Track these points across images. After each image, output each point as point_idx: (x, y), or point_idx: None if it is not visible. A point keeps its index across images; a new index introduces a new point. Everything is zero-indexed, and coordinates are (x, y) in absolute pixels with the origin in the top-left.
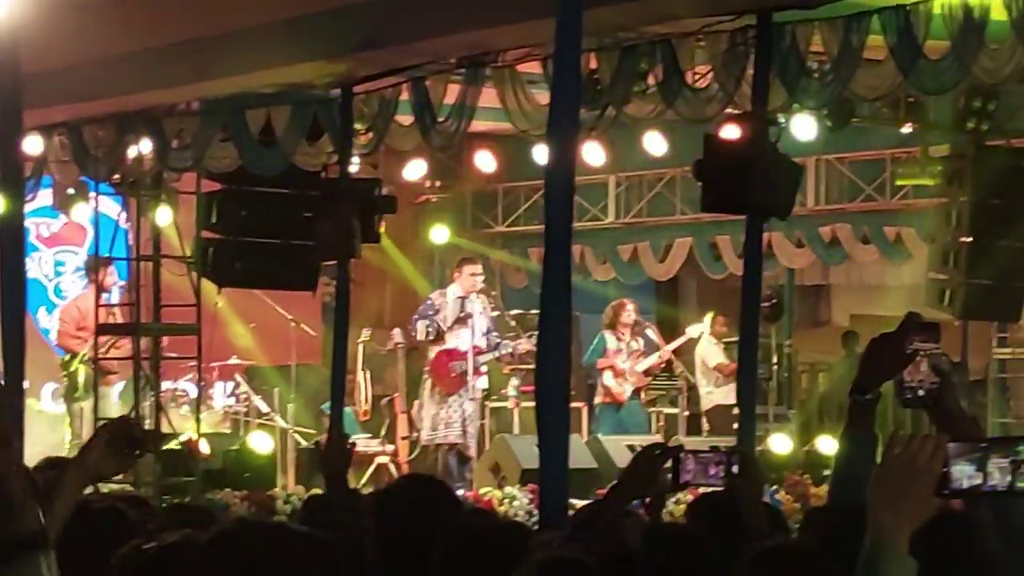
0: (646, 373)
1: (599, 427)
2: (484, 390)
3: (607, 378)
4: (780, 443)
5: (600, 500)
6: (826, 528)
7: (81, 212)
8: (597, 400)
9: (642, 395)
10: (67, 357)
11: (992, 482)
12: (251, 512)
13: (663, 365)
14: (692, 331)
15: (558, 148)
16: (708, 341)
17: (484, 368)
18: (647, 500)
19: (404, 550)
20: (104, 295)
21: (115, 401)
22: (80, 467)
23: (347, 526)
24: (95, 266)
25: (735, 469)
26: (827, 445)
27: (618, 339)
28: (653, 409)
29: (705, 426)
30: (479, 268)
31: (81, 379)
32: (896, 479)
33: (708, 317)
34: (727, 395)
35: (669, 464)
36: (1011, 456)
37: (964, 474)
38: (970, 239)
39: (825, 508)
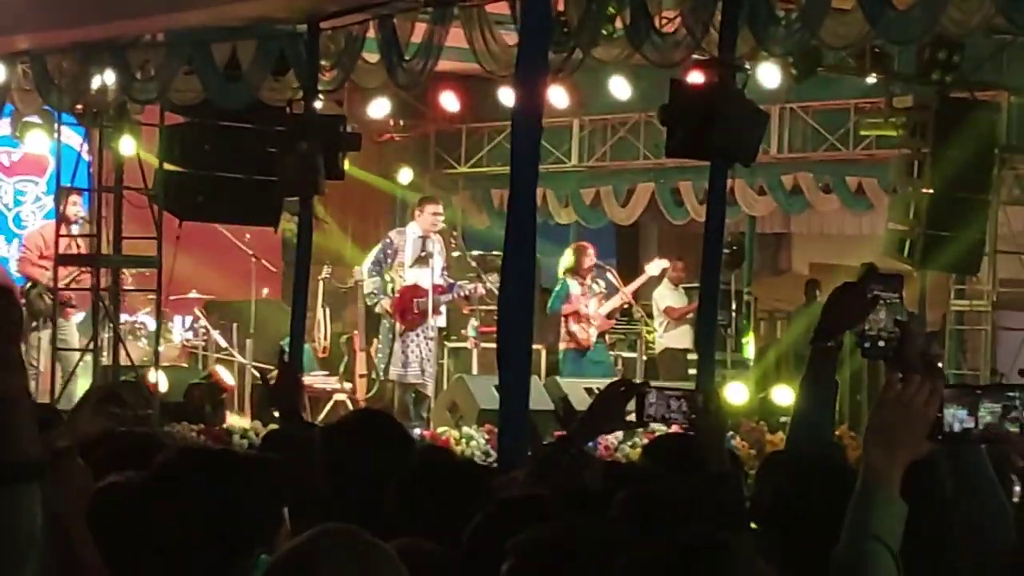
0: (609, 316)
1: (565, 372)
2: (442, 329)
3: (572, 324)
4: (737, 391)
5: (563, 436)
6: (784, 475)
7: (41, 142)
8: (562, 345)
9: (607, 338)
10: (28, 285)
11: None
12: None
13: (624, 308)
14: (652, 268)
15: (526, 90)
16: (664, 284)
17: (443, 308)
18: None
19: (353, 484)
20: (74, 227)
21: (74, 332)
22: (72, 430)
23: (303, 459)
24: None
25: (701, 404)
26: (783, 395)
27: (580, 284)
28: (613, 353)
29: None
30: (440, 208)
31: (42, 308)
32: (890, 422)
33: (660, 263)
34: (678, 339)
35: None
36: (1002, 402)
37: (956, 419)
38: (931, 191)
39: (783, 453)
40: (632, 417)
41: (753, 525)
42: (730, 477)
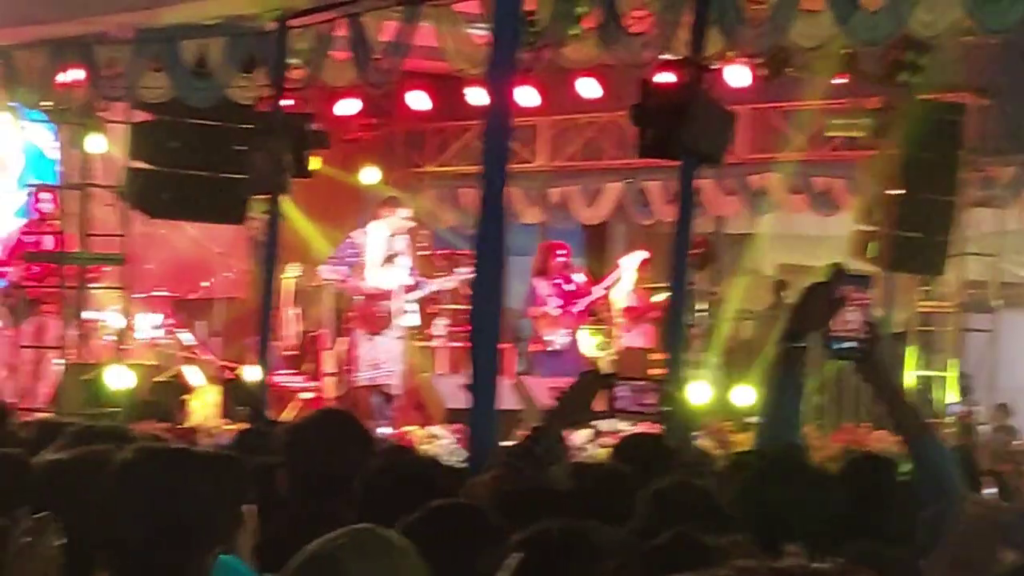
0: (580, 315)
1: (535, 372)
2: (411, 328)
3: (540, 325)
4: (701, 391)
5: (536, 428)
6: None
7: (10, 139)
8: (532, 348)
9: (578, 336)
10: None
11: None
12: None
13: (592, 307)
14: (625, 262)
15: (496, 89)
16: (624, 284)
17: (409, 307)
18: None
19: (314, 485)
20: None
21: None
22: None
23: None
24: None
25: (668, 391)
26: (743, 394)
27: (550, 283)
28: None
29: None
30: (406, 209)
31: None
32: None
33: (639, 255)
34: (635, 338)
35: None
36: None
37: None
38: (898, 192)
39: (748, 453)
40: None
41: None
42: (703, 465)
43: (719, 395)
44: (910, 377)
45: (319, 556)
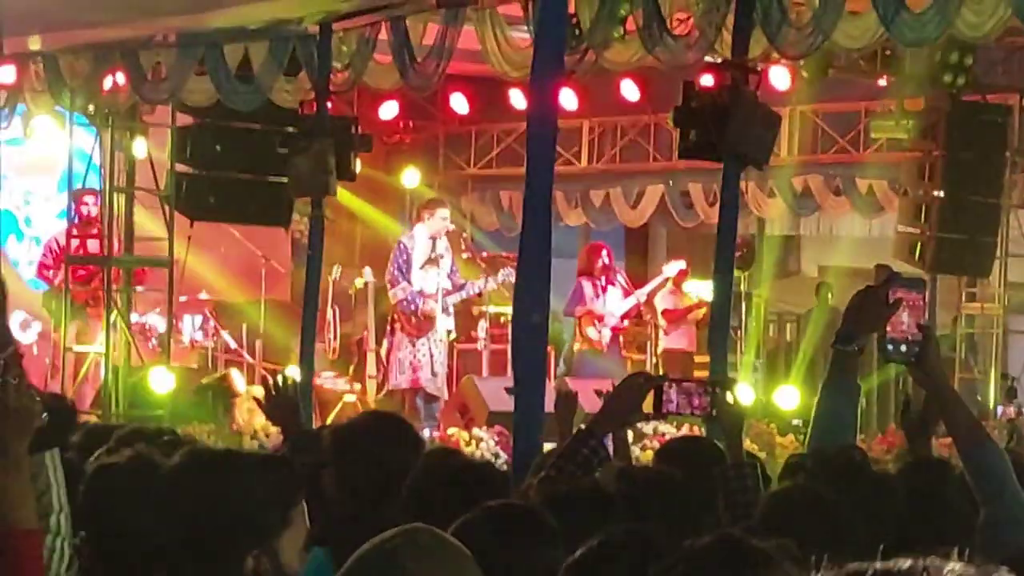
0: (624, 317)
1: (578, 374)
2: (449, 331)
3: (585, 325)
4: (744, 393)
5: (582, 429)
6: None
7: (52, 142)
8: (576, 347)
9: (621, 339)
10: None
11: None
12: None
13: (636, 310)
14: (669, 270)
15: (541, 92)
16: (666, 287)
17: (452, 309)
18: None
19: (363, 486)
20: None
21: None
22: None
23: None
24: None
25: (725, 396)
26: (787, 397)
27: (594, 285)
28: (624, 354)
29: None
30: (447, 211)
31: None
32: None
33: (678, 264)
34: (676, 340)
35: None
36: None
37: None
38: (942, 193)
39: (807, 455)
40: (651, 409)
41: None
42: (747, 467)
43: (761, 397)
44: (956, 379)
45: (375, 556)
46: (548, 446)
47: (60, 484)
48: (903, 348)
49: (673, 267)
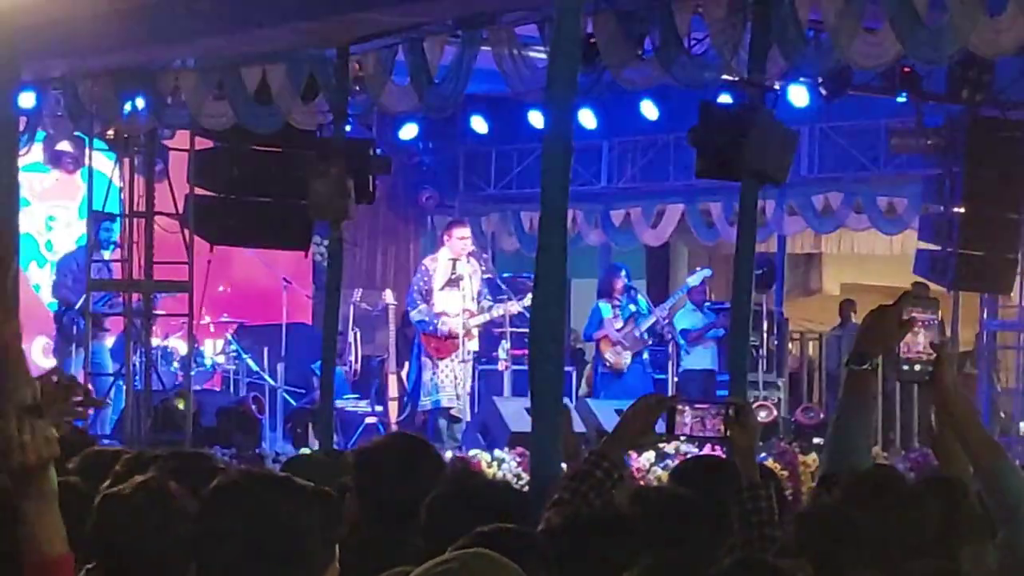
0: (648, 333)
1: (598, 394)
2: (473, 352)
3: (605, 348)
4: (769, 411)
5: (595, 451)
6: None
7: (71, 164)
8: (599, 368)
9: (644, 356)
10: (61, 309)
11: None
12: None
13: (656, 328)
14: (693, 280)
15: (556, 112)
16: (685, 306)
17: (475, 331)
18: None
19: (385, 509)
20: (105, 251)
21: (107, 356)
22: None
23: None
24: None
25: (732, 414)
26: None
27: (613, 307)
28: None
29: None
30: (467, 231)
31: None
32: None
33: (706, 271)
34: (696, 360)
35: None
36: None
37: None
38: (963, 210)
39: (830, 476)
40: (663, 431)
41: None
42: (761, 488)
43: (783, 416)
44: (979, 395)
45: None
46: (566, 467)
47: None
48: (917, 368)
49: (697, 276)
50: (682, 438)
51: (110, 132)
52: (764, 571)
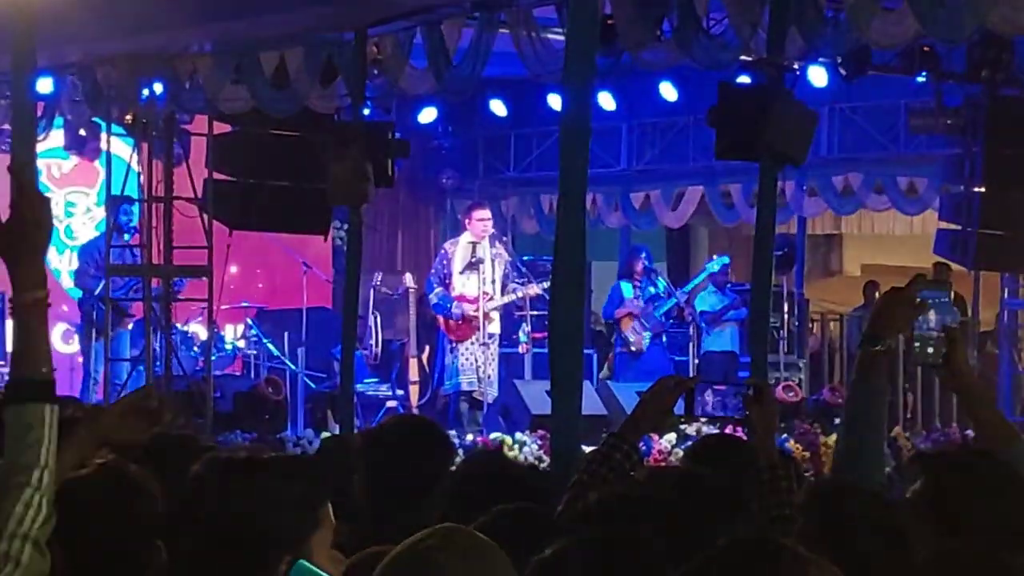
0: (666, 317)
1: (619, 376)
2: (495, 335)
3: (625, 327)
4: (791, 392)
5: (614, 434)
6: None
7: (92, 153)
8: (618, 349)
9: (664, 339)
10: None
11: None
12: None
13: (677, 310)
14: (712, 266)
15: (573, 94)
16: (707, 289)
17: (495, 314)
18: None
19: (392, 491)
20: (126, 236)
21: (126, 342)
22: (93, 429)
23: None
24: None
25: (751, 395)
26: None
27: (635, 287)
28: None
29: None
30: (487, 213)
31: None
32: None
33: (724, 258)
34: (716, 342)
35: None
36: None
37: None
38: (983, 189)
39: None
40: (683, 413)
41: None
42: (780, 468)
43: (805, 396)
44: (1000, 375)
45: (410, 556)
46: (588, 448)
47: (52, 441)
48: (930, 350)
49: (716, 262)
50: (703, 419)
51: (128, 117)
52: (771, 548)
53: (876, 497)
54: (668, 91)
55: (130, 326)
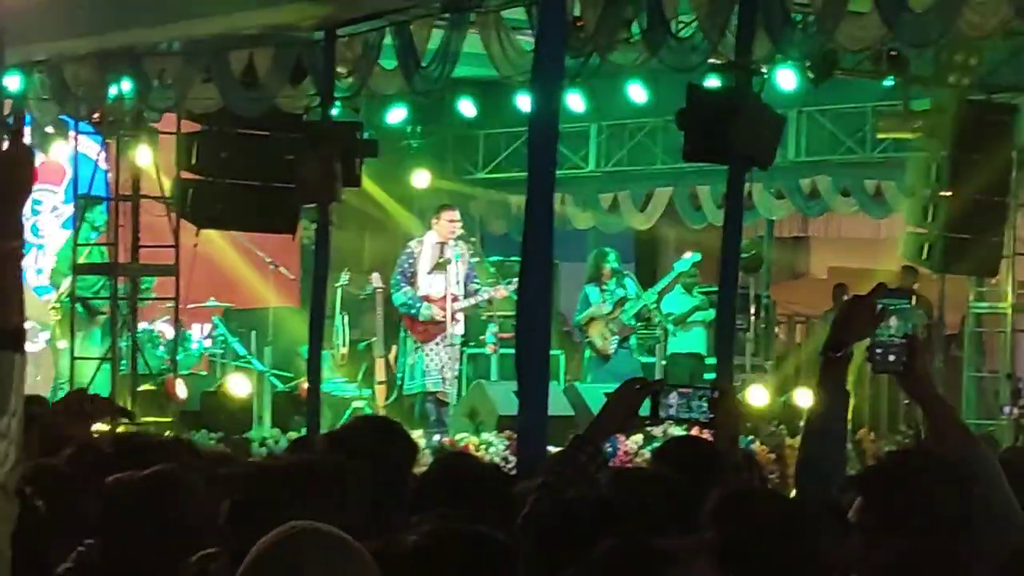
0: (635, 319)
1: (587, 379)
2: (461, 336)
3: (593, 332)
4: (757, 395)
5: (579, 436)
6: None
7: (60, 151)
8: (586, 354)
9: (632, 341)
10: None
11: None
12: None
13: (643, 313)
14: (679, 265)
15: (542, 95)
16: (675, 290)
17: (460, 315)
18: None
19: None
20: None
21: (98, 340)
22: (43, 429)
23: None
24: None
25: (716, 398)
26: (805, 398)
27: (601, 290)
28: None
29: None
30: (456, 215)
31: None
32: None
33: (695, 255)
34: (683, 343)
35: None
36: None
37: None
38: (949, 193)
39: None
40: (648, 416)
41: None
42: (744, 471)
43: (774, 399)
44: (965, 378)
45: (272, 555)
46: (554, 450)
47: (20, 390)
48: (891, 358)
49: (686, 261)
50: (669, 422)
51: (96, 115)
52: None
53: (790, 503)
54: (637, 92)
55: (101, 323)
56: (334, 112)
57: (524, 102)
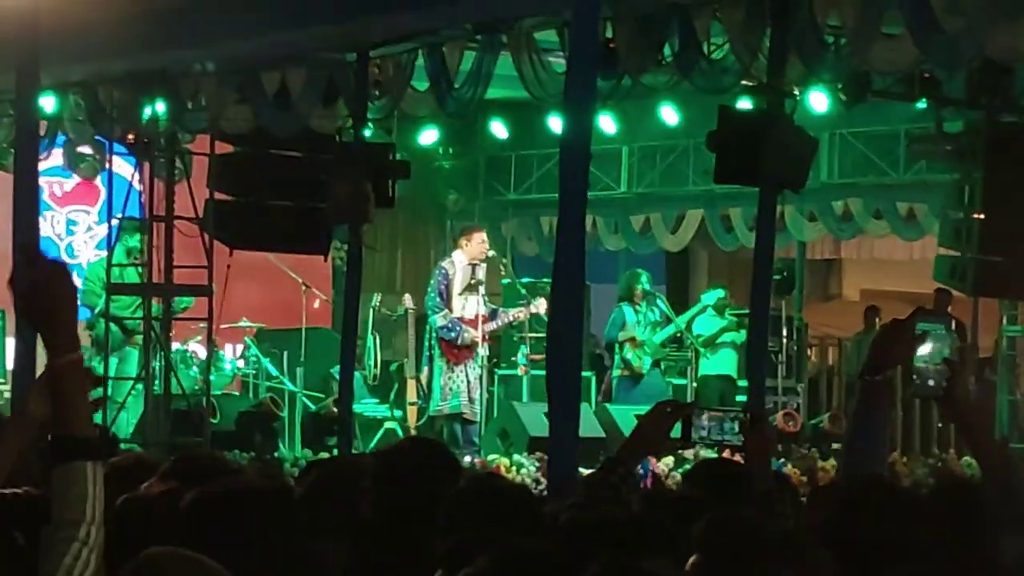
0: (662, 344)
1: (617, 400)
2: (488, 357)
3: (627, 352)
4: (785, 417)
5: (611, 458)
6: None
7: (94, 172)
8: (616, 373)
9: (662, 366)
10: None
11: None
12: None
13: (676, 336)
14: (707, 298)
15: (574, 117)
16: (707, 312)
17: (486, 336)
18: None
19: (400, 511)
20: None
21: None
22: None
23: (347, 487)
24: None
25: (748, 421)
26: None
27: (635, 311)
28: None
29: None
30: (485, 235)
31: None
32: None
33: (721, 290)
34: (714, 365)
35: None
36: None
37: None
38: (982, 215)
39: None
40: (679, 438)
41: None
42: (774, 495)
43: (805, 422)
44: (998, 401)
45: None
46: (585, 471)
47: (98, 498)
48: (930, 383)
49: (711, 295)
50: (700, 445)
51: (130, 136)
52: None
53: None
54: (669, 115)
55: (138, 344)
56: (366, 133)
57: (556, 124)
